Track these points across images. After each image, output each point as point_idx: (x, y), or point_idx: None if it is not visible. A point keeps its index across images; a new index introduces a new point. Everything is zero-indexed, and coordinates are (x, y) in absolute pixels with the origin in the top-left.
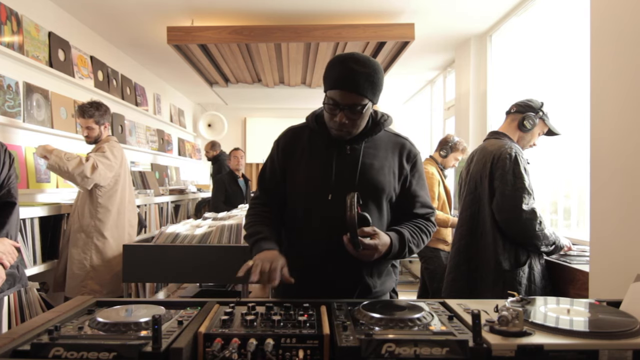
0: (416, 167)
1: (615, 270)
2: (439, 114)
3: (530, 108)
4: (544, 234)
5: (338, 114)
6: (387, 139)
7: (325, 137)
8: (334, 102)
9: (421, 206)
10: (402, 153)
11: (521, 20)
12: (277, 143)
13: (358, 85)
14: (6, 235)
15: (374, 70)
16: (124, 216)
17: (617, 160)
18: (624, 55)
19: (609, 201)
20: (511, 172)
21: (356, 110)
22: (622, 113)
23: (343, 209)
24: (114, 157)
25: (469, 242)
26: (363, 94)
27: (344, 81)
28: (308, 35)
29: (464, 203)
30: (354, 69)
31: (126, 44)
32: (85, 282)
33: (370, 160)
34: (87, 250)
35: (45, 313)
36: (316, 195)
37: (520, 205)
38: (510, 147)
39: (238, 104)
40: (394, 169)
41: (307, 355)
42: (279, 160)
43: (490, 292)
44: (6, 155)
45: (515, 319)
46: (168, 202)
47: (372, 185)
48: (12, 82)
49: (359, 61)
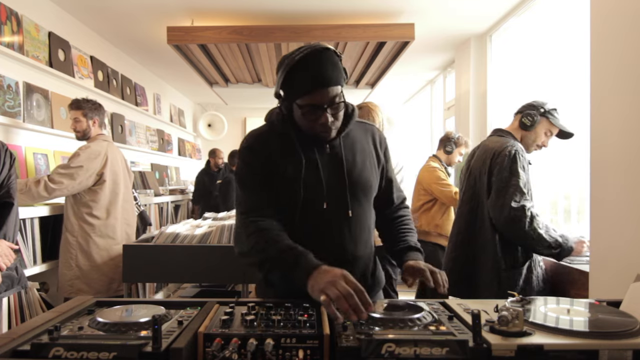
0: (387, 151)
1: (615, 270)
2: (439, 114)
3: (531, 106)
4: (539, 235)
5: (322, 116)
6: (356, 129)
7: (299, 140)
8: (312, 106)
9: (397, 191)
10: (375, 140)
11: (521, 20)
12: (250, 150)
13: (329, 78)
14: (4, 237)
15: (332, 53)
16: (115, 215)
17: (617, 160)
18: (624, 55)
19: (609, 201)
20: (507, 169)
21: (336, 103)
22: (623, 113)
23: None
24: (87, 160)
25: (466, 237)
26: (336, 83)
27: (315, 81)
28: (308, 35)
29: (463, 198)
30: (317, 64)
31: (126, 44)
32: (72, 282)
33: (351, 157)
34: (73, 250)
35: (45, 313)
36: (311, 206)
37: (509, 202)
38: (512, 144)
39: (238, 104)
40: (373, 160)
41: (307, 355)
42: (260, 167)
43: (486, 290)
44: (7, 155)
45: (515, 319)
46: (168, 202)
47: (361, 184)
48: (12, 82)
49: (315, 53)
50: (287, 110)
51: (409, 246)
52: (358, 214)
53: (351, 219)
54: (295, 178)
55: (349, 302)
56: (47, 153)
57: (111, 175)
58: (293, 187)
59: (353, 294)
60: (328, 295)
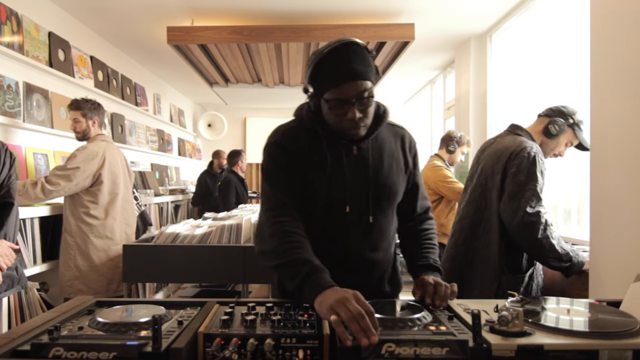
0: (417, 157)
1: (615, 270)
2: (439, 114)
3: (561, 114)
4: (551, 245)
5: (349, 111)
6: (386, 132)
7: (327, 138)
8: (340, 101)
9: (422, 198)
10: (405, 144)
11: (521, 20)
12: (276, 145)
13: (358, 71)
14: (4, 237)
15: (362, 48)
16: (114, 216)
17: (617, 161)
18: (625, 55)
19: (609, 201)
20: (525, 172)
21: (365, 98)
22: (623, 113)
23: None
24: (80, 164)
25: (469, 235)
26: (366, 77)
27: (343, 74)
28: (308, 35)
29: (471, 195)
30: (346, 57)
31: (126, 44)
32: (71, 282)
33: (378, 159)
34: (71, 250)
35: (45, 313)
36: (332, 208)
37: (525, 206)
38: (532, 146)
39: (238, 104)
40: (401, 164)
41: (307, 355)
42: (287, 163)
43: (484, 292)
44: (7, 155)
45: (515, 319)
46: (168, 202)
47: (386, 188)
48: (12, 82)
49: (344, 46)
50: (315, 106)
51: (429, 264)
52: (379, 221)
53: (372, 226)
54: (320, 177)
55: (360, 323)
56: (47, 153)
57: (109, 176)
58: (316, 186)
59: (365, 315)
60: (339, 314)
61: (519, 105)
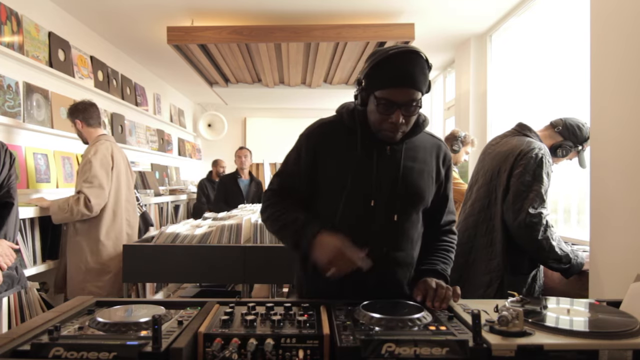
0: (450, 170)
1: (615, 270)
2: (439, 114)
3: (574, 137)
4: (551, 246)
5: (394, 114)
6: (424, 140)
7: (363, 136)
8: (389, 102)
9: (448, 212)
10: (439, 156)
11: (521, 20)
12: (307, 137)
13: (414, 80)
14: (4, 237)
15: (424, 60)
16: (120, 216)
17: (617, 160)
18: (624, 55)
19: (609, 201)
20: (531, 173)
21: (412, 107)
22: (622, 113)
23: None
24: (100, 170)
25: (472, 234)
26: (419, 88)
27: (400, 78)
28: (308, 35)
29: (476, 194)
30: (407, 63)
31: (126, 44)
32: (84, 285)
33: (411, 163)
34: (82, 253)
35: (45, 313)
36: (357, 200)
37: (528, 207)
38: (540, 147)
39: (238, 104)
40: (432, 173)
41: (307, 355)
42: (308, 157)
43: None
44: (7, 155)
45: (515, 319)
46: (168, 202)
47: (413, 191)
48: (12, 82)
49: (409, 53)
50: (363, 101)
51: (435, 270)
52: (403, 221)
53: (396, 224)
54: (348, 167)
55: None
56: (47, 153)
57: (117, 176)
58: (344, 176)
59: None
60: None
61: (519, 105)
